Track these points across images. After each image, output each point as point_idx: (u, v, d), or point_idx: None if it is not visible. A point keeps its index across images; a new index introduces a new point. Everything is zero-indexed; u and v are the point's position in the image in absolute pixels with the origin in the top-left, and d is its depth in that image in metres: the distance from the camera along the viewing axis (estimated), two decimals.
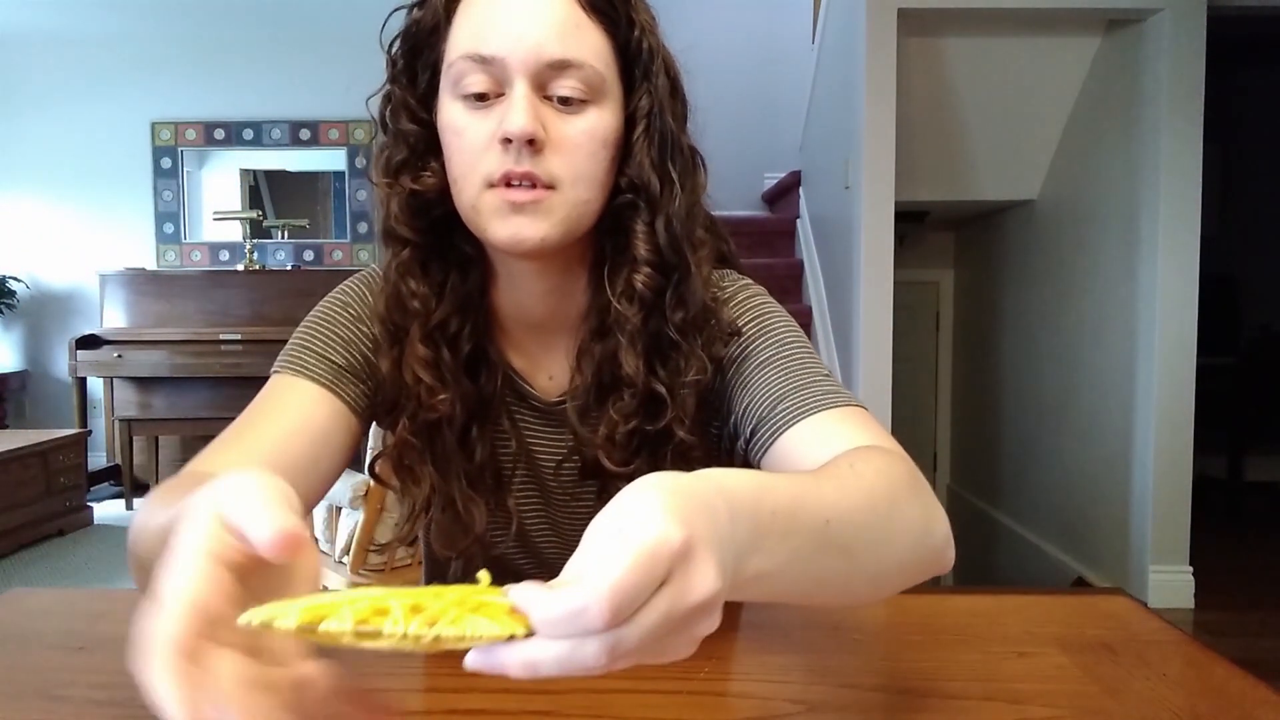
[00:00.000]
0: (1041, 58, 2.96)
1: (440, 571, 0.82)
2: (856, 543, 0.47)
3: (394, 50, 0.66)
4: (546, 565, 0.79)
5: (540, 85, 0.60)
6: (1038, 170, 3.30)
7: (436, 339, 0.67)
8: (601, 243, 0.67)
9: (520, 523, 0.74)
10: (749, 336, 0.69)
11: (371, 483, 1.05)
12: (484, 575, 0.36)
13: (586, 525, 0.38)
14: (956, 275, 4.31)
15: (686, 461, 0.65)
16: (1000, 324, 3.78)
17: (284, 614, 0.32)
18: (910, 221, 3.67)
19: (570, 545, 0.41)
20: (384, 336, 0.68)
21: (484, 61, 0.60)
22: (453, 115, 0.62)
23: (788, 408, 0.63)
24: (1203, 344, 2.70)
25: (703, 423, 0.69)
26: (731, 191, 4.46)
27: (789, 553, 0.42)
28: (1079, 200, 3.11)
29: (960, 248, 4.27)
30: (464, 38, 0.61)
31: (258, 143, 4.61)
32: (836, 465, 0.54)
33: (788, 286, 3.64)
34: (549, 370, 0.73)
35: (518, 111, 0.58)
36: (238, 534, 0.34)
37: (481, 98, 0.61)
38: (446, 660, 0.61)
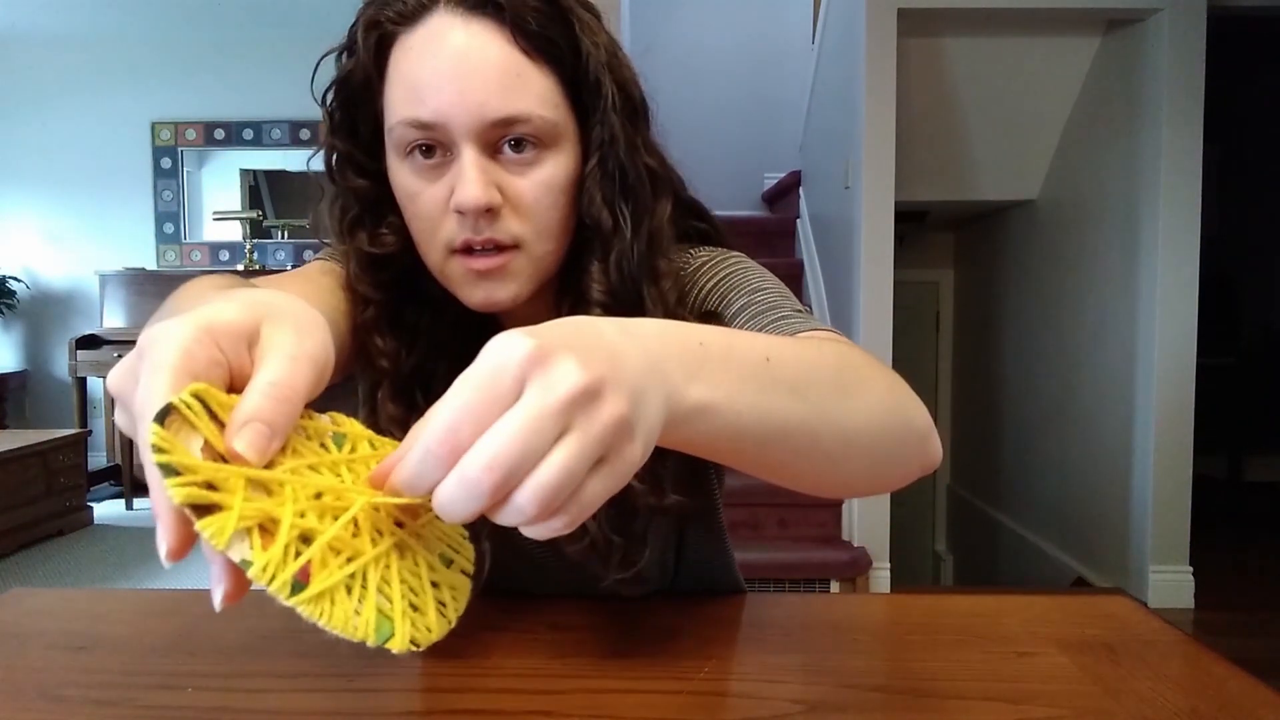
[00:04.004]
0: (1041, 58, 2.96)
1: None
2: (810, 387, 0.44)
3: (329, 103, 0.62)
4: (552, 545, 0.78)
5: (488, 144, 0.57)
6: (1038, 170, 3.31)
7: (411, 392, 0.63)
8: (564, 278, 0.65)
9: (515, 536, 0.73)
10: (718, 298, 0.67)
11: None
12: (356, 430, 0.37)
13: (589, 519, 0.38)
14: (956, 275, 4.31)
15: (631, 494, 0.61)
16: (1000, 324, 3.78)
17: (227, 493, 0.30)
18: (910, 221, 3.67)
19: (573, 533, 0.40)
20: (360, 385, 0.65)
21: (425, 127, 0.56)
22: (402, 179, 0.59)
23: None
24: (1203, 344, 2.70)
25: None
26: (731, 191, 4.46)
27: (734, 383, 0.40)
28: (1079, 200, 3.12)
29: (960, 248, 4.27)
30: (400, 100, 0.57)
31: (258, 143, 4.61)
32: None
33: (787, 286, 3.63)
34: None
35: (469, 183, 0.55)
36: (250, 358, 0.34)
37: (429, 154, 0.57)
38: (447, 660, 0.61)
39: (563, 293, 0.65)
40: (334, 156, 0.63)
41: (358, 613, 0.32)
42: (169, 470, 0.30)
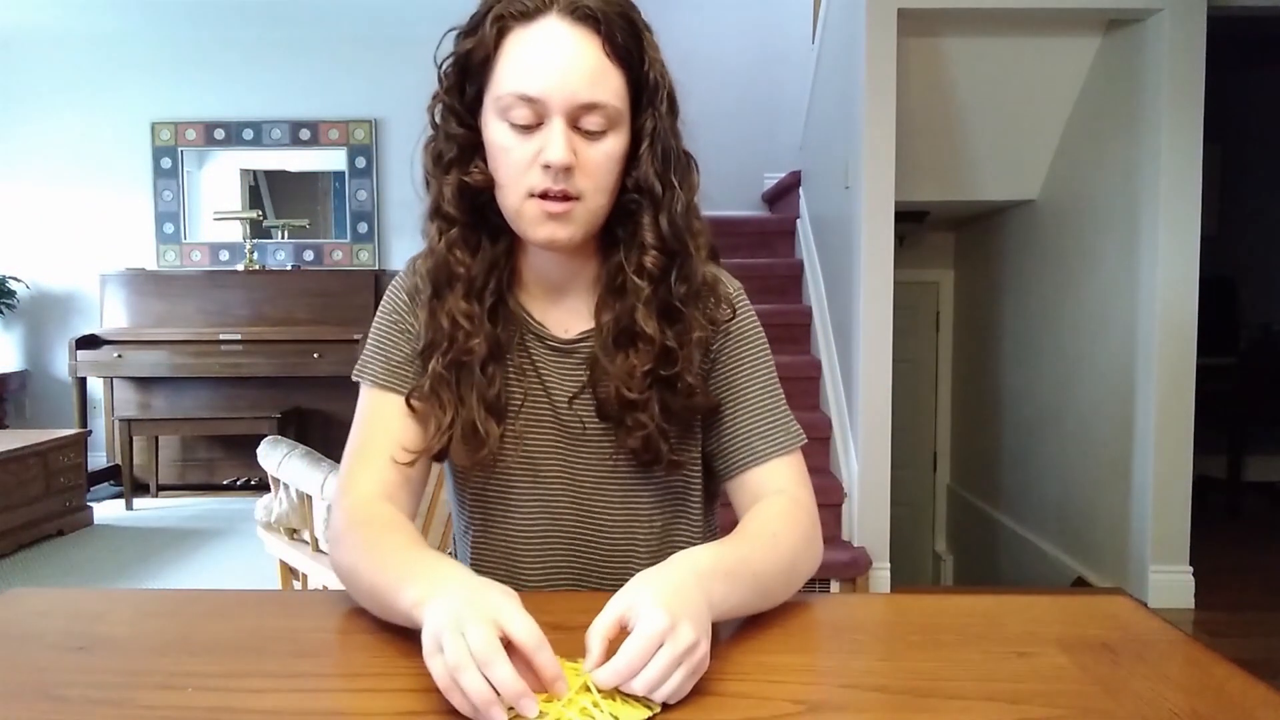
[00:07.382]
0: (1041, 58, 2.96)
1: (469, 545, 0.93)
2: (773, 587, 0.74)
3: (445, 68, 0.81)
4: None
5: (573, 120, 0.75)
6: (1038, 170, 3.30)
7: (471, 294, 0.82)
8: (611, 228, 0.83)
9: (528, 443, 0.87)
10: (735, 363, 0.88)
11: None
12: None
13: (593, 466, 0.87)
14: (956, 275, 4.31)
15: (688, 396, 0.83)
16: (1000, 324, 3.78)
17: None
18: (910, 221, 3.67)
19: (574, 480, 0.87)
20: (426, 287, 0.83)
21: (529, 100, 0.74)
22: (500, 135, 0.77)
23: (756, 448, 0.86)
24: (1202, 344, 2.69)
25: (704, 373, 0.87)
26: (731, 191, 4.46)
27: (737, 596, 0.69)
28: (1079, 200, 3.12)
29: (960, 248, 4.27)
30: (511, 76, 0.75)
31: (258, 143, 4.61)
32: (763, 530, 0.79)
33: (788, 286, 3.63)
34: (565, 323, 0.88)
35: (557, 146, 0.74)
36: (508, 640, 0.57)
37: (525, 126, 0.76)
38: None
39: (611, 245, 0.84)
40: (440, 109, 0.82)
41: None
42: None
